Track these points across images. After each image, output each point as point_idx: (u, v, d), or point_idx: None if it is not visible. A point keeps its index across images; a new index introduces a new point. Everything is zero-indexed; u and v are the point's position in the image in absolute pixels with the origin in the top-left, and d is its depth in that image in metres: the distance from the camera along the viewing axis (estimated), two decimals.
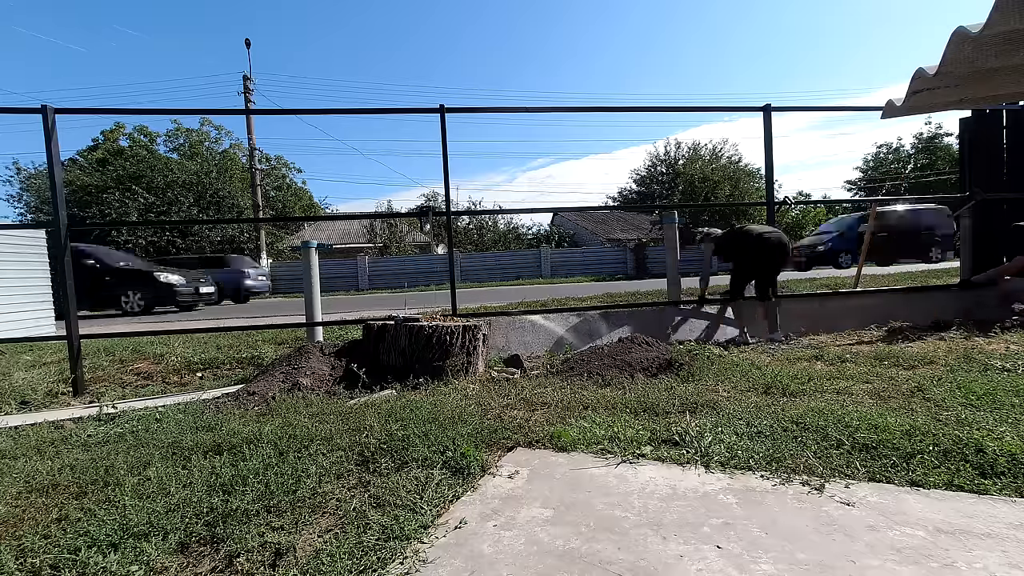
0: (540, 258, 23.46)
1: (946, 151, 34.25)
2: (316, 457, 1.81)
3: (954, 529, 1.25)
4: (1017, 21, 2.14)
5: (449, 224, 4.10)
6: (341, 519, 1.41)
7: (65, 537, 1.34)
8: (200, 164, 21.88)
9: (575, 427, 2.04)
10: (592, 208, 25.35)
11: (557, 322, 4.04)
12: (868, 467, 1.59)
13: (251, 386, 2.90)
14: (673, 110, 5.36)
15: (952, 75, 2.79)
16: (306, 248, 4.15)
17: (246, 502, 1.48)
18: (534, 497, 1.52)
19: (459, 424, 2.08)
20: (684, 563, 1.16)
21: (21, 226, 11.62)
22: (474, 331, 3.16)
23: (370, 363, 3.03)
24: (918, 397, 2.24)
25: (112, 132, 29.41)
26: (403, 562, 1.20)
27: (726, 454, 1.72)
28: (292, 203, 29.83)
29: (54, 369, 3.90)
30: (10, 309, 6.47)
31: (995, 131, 4.92)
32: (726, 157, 31.09)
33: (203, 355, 4.22)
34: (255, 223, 20.75)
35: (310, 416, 2.33)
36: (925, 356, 3.00)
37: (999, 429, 1.77)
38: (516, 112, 9.12)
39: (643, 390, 2.54)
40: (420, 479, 1.62)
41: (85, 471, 1.79)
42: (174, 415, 2.48)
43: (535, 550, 1.24)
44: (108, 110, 13.99)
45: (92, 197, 18.93)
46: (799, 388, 2.45)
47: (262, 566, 1.22)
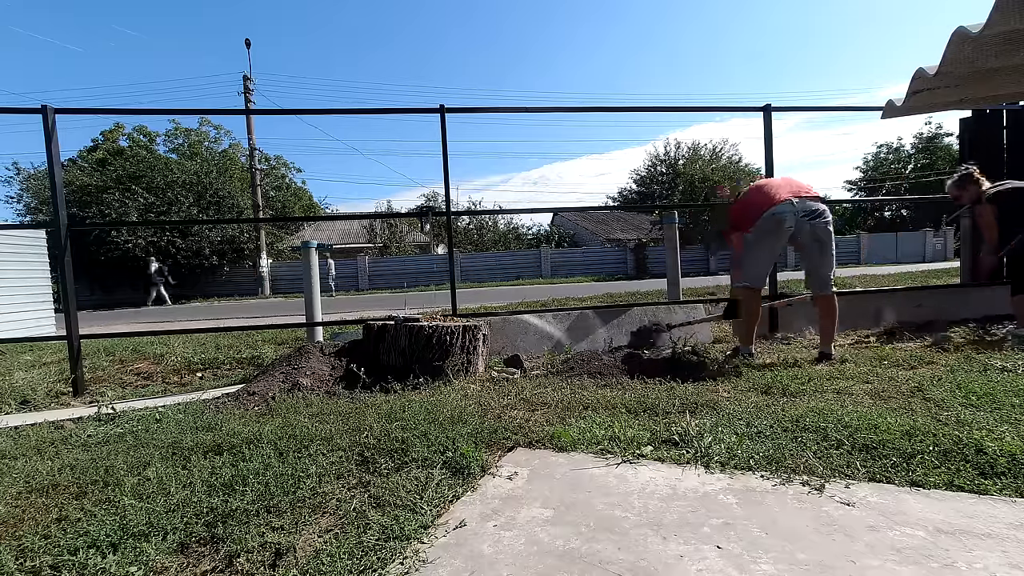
0: (540, 258, 23.48)
1: (946, 151, 34.24)
2: (316, 457, 1.81)
3: (954, 529, 1.25)
4: (1017, 21, 2.14)
5: (449, 224, 4.10)
6: (341, 519, 1.41)
7: (65, 537, 1.34)
8: (200, 164, 21.87)
9: (575, 427, 2.04)
10: (592, 208, 25.35)
11: (557, 322, 4.04)
12: (868, 467, 1.59)
13: (251, 386, 2.90)
14: (672, 110, 5.35)
15: (952, 75, 2.79)
16: (306, 248, 4.15)
17: (246, 502, 1.48)
18: (534, 497, 1.52)
19: (459, 424, 2.08)
20: (684, 563, 1.16)
21: (21, 226, 11.61)
22: (474, 331, 3.16)
23: (370, 363, 3.03)
24: (918, 397, 2.24)
25: (112, 132, 29.41)
26: (403, 562, 1.20)
27: (726, 454, 1.72)
28: (292, 203, 29.80)
29: (54, 369, 3.90)
30: (10, 309, 6.47)
31: (995, 131, 4.92)
32: (726, 157, 31.08)
33: (203, 355, 4.22)
34: (255, 223, 20.75)
35: (310, 416, 2.33)
36: (925, 356, 3.00)
37: (999, 429, 1.77)
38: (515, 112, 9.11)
39: (643, 390, 2.54)
40: (420, 479, 1.62)
41: (85, 471, 1.79)
42: (174, 415, 2.48)
43: (535, 550, 1.24)
44: (108, 110, 13.99)
45: (92, 197, 18.89)
46: (799, 388, 2.45)
47: (262, 566, 1.22)
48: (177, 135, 29.73)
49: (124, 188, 18.85)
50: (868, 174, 38.27)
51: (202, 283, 20.13)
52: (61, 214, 3.30)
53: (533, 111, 7.69)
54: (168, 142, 29.63)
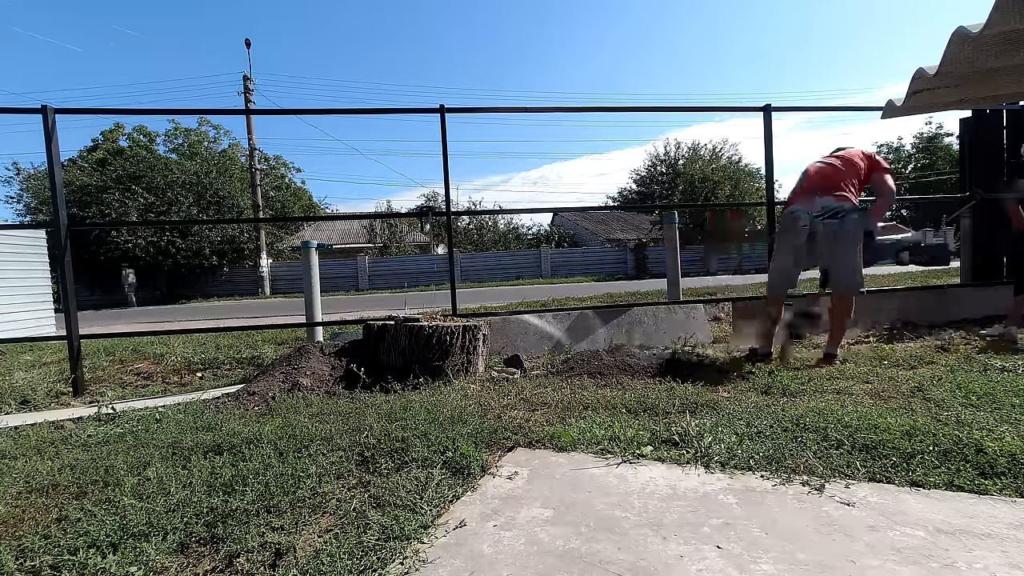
0: (540, 258, 23.48)
1: (946, 151, 34.24)
2: (316, 457, 1.81)
3: (954, 529, 1.25)
4: (1017, 21, 2.14)
5: (449, 224, 4.09)
6: (341, 519, 1.41)
7: (65, 537, 1.34)
8: (200, 164, 21.86)
9: (575, 427, 2.04)
10: (592, 208, 25.35)
11: (557, 322, 4.04)
12: (868, 467, 1.59)
13: (251, 386, 2.90)
14: (673, 110, 5.36)
15: (952, 75, 2.79)
16: (306, 248, 4.15)
17: (246, 502, 1.48)
18: (534, 497, 1.52)
19: (459, 424, 2.08)
20: (684, 563, 1.16)
21: (21, 226, 11.62)
22: (474, 331, 3.16)
23: (370, 363, 3.03)
24: (918, 397, 2.24)
25: (112, 132, 29.38)
26: (403, 562, 1.20)
27: (726, 454, 1.72)
28: (292, 203, 29.76)
29: (54, 369, 3.90)
30: (10, 309, 6.47)
31: (995, 131, 4.92)
32: (726, 157, 31.09)
33: (203, 355, 4.22)
34: (255, 223, 20.75)
35: (310, 416, 2.33)
36: (925, 356, 3.00)
37: (999, 429, 1.78)
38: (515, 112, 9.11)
39: (643, 390, 2.54)
40: (420, 479, 1.62)
41: (85, 471, 1.79)
42: (174, 415, 2.48)
43: (535, 550, 1.24)
44: (108, 110, 13.99)
45: (92, 197, 18.89)
46: (799, 388, 2.45)
47: (262, 566, 1.22)
48: (177, 135, 29.71)
49: (124, 188, 18.85)
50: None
51: (202, 283, 20.13)
52: (61, 214, 3.30)
53: (533, 111, 7.69)
54: (168, 142, 29.61)
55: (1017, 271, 3.63)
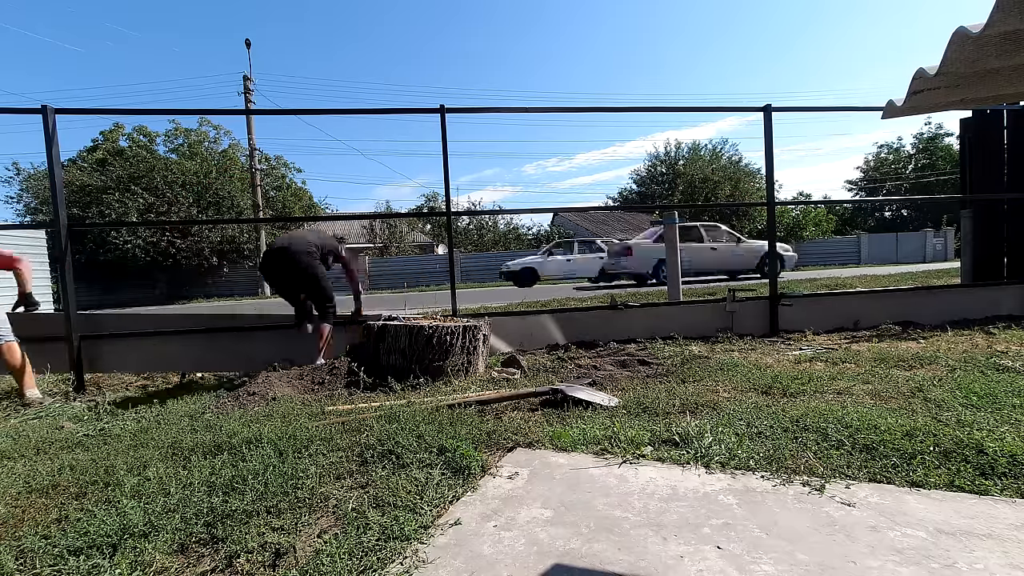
0: None
1: (946, 151, 34.25)
2: (316, 457, 1.81)
3: (955, 530, 1.25)
4: (1018, 21, 2.13)
5: (449, 224, 4.09)
6: (341, 519, 1.41)
7: (65, 537, 1.34)
8: (199, 164, 21.86)
9: (575, 427, 2.03)
10: (592, 208, 25.34)
11: (557, 322, 4.04)
12: (868, 468, 1.59)
13: (251, 386, 2.90)
14: (673, 110, 5.37)
15: (953, 75, 2.78)
16: None
17: (246, 502, 1.48)
18: (534, 497, 1.52)
19: (459, 424, 2.08)
20: (684, 564, 1.16)
21: (21, 226, 11.64)
22: (474, 331, 3.15)
23: (370, 363, 3.03)
24: (918, 397, 2.23)
25: (112, 132, 29.34)
26: (403, 562, 1.20)
27: (726, 454, 1.71)
28: (292, 203, 29.74)
29: None
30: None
31: (996, 131, 4.92)
32: (726, 157, 31.08)
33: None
34: (255, 223, 20.75)
35: (310, 416, 2.33)
36: (925, 356, 2.99)
37: (1000, 429, 1.77)
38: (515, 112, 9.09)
39: (643, 390, 2.54)
40: (420, 479, 1.61)
41: (85, 471, 1.79)
42: (174, 415, 2.48)
43: (535, 551, 1.24)
44: (108, 110, 14.01)
45: (92, 197, 18.90)
46: (799, 388, 2.44)
47: (262, 566, 1.22)
48: (177, 135, 29.65)
49: (124, 188, 18.87)
50: (868, 174, 38.27)
51: (202, 283, 20.14)
52: (61, 214, 3.30)
53: (533, 111, 7.69)
54: (168, 142, 29.55)
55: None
